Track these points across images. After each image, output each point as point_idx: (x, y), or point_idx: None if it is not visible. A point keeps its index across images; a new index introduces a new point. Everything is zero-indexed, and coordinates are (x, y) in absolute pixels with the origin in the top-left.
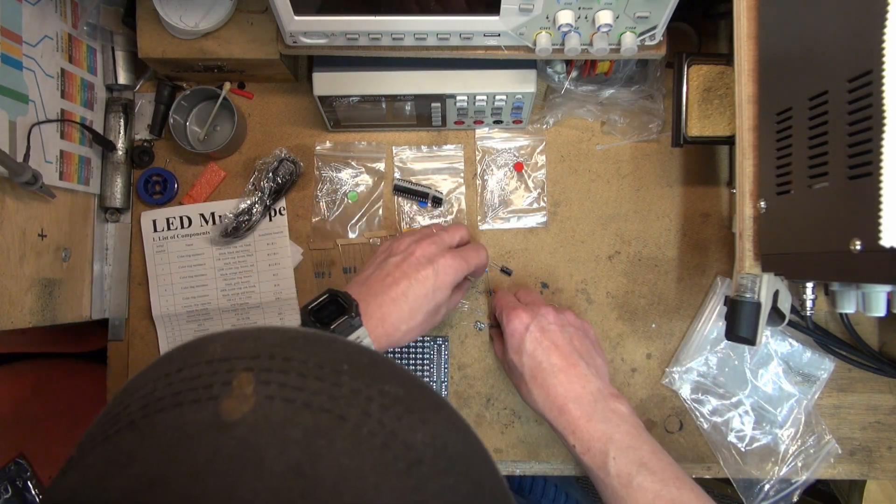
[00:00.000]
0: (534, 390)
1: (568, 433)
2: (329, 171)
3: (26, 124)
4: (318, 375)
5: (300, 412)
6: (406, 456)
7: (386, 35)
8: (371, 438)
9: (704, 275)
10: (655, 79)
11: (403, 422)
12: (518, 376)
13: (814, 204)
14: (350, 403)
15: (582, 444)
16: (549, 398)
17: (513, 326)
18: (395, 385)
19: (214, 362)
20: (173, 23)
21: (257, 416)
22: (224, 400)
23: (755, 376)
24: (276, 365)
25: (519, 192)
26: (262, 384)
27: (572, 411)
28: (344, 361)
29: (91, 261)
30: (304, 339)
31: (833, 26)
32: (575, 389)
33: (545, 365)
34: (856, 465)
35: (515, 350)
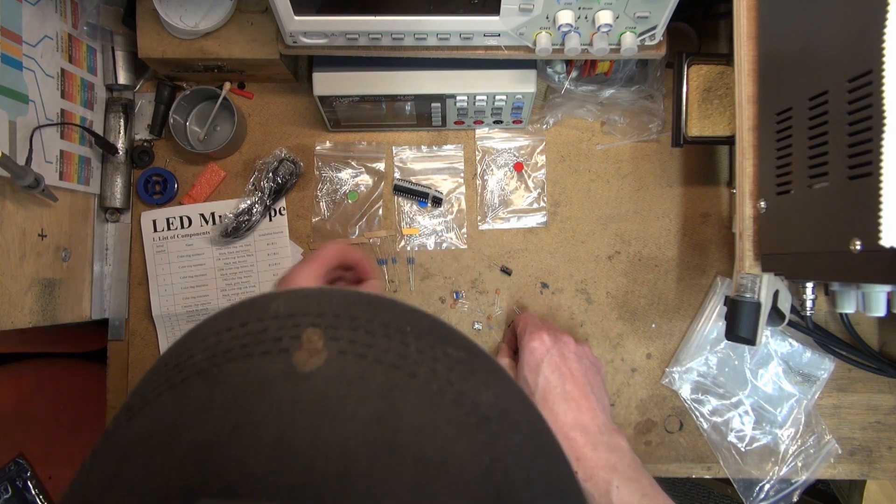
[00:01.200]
0: (542, 411)
1: (572, 459)
2: (329, 171)
3: (26, 124)
4: (385, 334)
5: (372, 367)
6: (476, 412)
7: (386, 35)
8: (441, 395)
9: (704, 275)
10: (655, 79)
11: (469, 382)
12: None
13: (814, 204)
14: (418, 362)
15: (585, 472)
16: (556, 422)
17: (534, 345)
18: (457, 348)
19: (280, 317)
20: (173, 23)
21: (332, 369)
22: (295, 353)
23: (755, 376)
24: (343, 322)
25: (519, 192)
26: (331, 340)
27: (578, 439)
28: (407, 323)
29: (91, 261)
30: (367, 301)
31: (833, 26)
32: (584, 419)
33: (559, 390)
34: (856, 465)
35: (532, 368)
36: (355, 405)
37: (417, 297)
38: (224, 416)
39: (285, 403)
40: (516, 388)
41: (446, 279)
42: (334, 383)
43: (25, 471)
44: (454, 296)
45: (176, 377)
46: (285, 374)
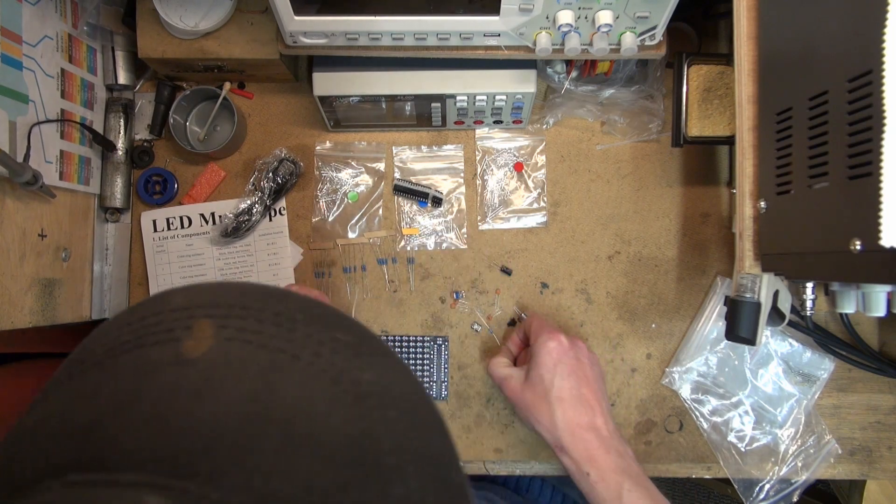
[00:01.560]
0: (557, 412)
1: (584, 460)
2: (329, 171)
3: (26, 124)
4: (274, 322)
5: (256, 351)
6: (354, 390)
7: (386, 35)
8: (322, 374)
9: (704, 275)
10: (655, 79)
11: (353, 363)
12: (541, 393)
13: (814, 204)
14: (303, 345)
15: (598, 473)
16: (570, 423)
17: (552, 345)
18: (346, 333)
19: (177, 310)
20: (173, 23)
21: (216, 354)
22: (185, 341)
23: (755, 376)
24: (235, 312)
25: (519, 192)
26: (221, 328)
27: (593, 441)
28: (298, 311)
29: (91, 261)
30: (261, 293)
31: (833, 26)
32: (597, 423)
33: (576, 392)
34: (856, 465)
35: (549, 368)
36: (232, 385)
37: (417, 296)
38: (108, 401)
39: (167, 386)
40: (404, 370)
41: (446, 279)
42: (217, 366)
43: None
44: (454, 296)
45: (76, 369)
46: (172, 361)
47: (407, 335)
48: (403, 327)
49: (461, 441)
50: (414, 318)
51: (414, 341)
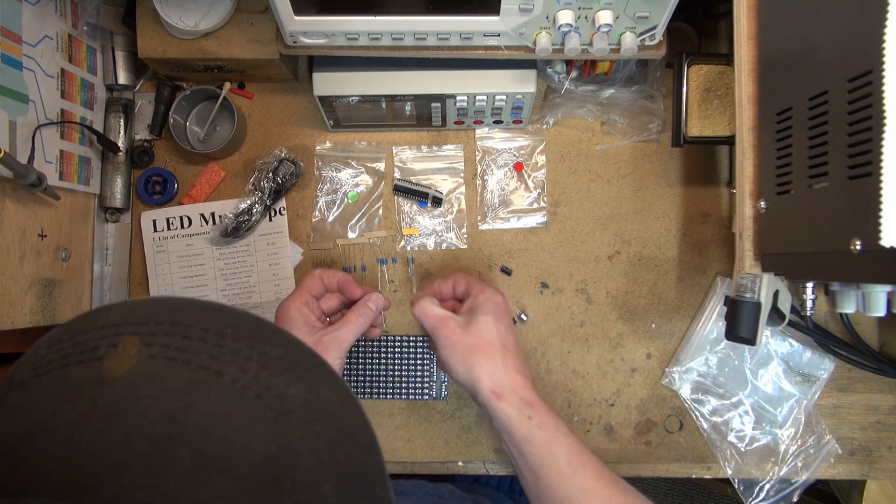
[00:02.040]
0: (504, 357)
1: (526, 405)
2: (329, 171)
3: (26, 124)
4: (201, 338)
5: (179, 369)
6: (277, 406)
7: (386, 35)
8: (244, 391)
9: (704, 275)
10: (655, 79)
11: (279, 378)
12: (486, 336)
13: (814, 204)
14: (229, 361)
15: (539, 417)
16: (515, 370)
17: (499, 299)
18: (277, 347)
19: (105, 328)
20: (173, 23)
21: (137, 373)
22: (107, 360)
23: (755, 376)
24: (163, 329)
25: (519, 192)
26: (146, 346)
27: (532, 390)
28: (229, 326)
29: (91, 261)
30: (194, 308)
31: (833, 26)
32: (527, 370)
33: (514, 341)
34: (856, 465)
35: (498, 317)
36: (149, 404)
37: None
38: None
39: (84, 407)
40: (336, 384)
41: None
42: (135, 385)
43: None
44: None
45: (3, 390)
46: (92, 380)
47: (407, 335)
48: (403, 327)
49: (461, 441)
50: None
51: (414, 341)
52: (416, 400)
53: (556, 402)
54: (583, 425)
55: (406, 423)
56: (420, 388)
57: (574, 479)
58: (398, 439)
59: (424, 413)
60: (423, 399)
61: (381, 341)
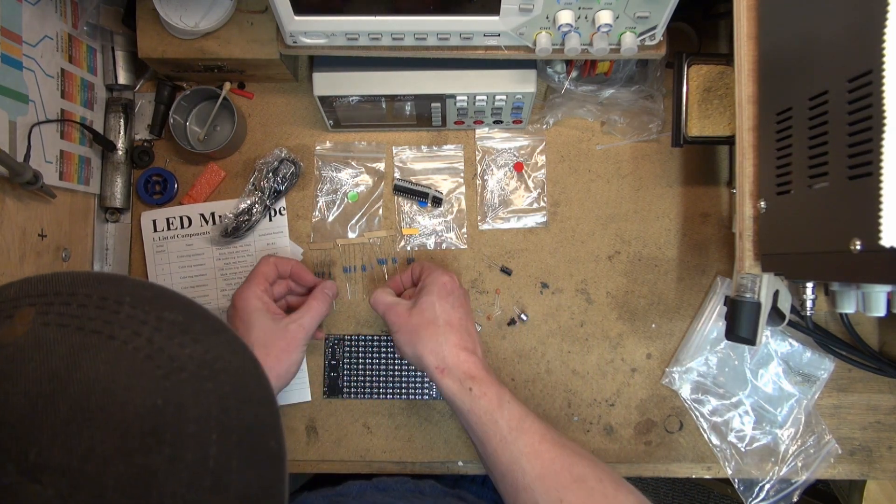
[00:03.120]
0: (445, 334)
1: (467, 377)
2: (329, 171)
3: (26, 124)
4: (98, 305)
5: (71, 334)
6: (168, 365)
7: (386, 35)
8: (135, 353)
9: (704, 275)
10: (655, 79)
11: (174, 340)
12: (430, 318)
13: (814, 204)
14: (123, 326)
15: (481, 388)
16: (457, 346)
17: (445, 280)
18: (176, 313)
19: (7, 301)
20: (173, 23)
21: (28, 339)
22: (3, 329)
23: (755, 376)
24: (60, 299)
25: (519, 192)
26: (41, 314)
27: (474, 360)
28: (127, 294)
29: (91, 261)
30: (94, 279)
31: (833, 26)
32: (474, 344)
33: (463, 323)
34: (856, 465)
35: (441, 297)
36: (35, 366)
37: None
38: None
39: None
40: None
41: None
42: (24, 349)
43: None
44: None
45: None
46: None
47: None
48: None
49: (461, 441)
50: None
51: None
52: (416, 400)
53: (555, 402)
54: (583, 425)
55: (406, 423)
56: (420, 387)
57: (516, 444)
58: (398, 439)
59: (424, 413)
60: (423, 399)
61: (382, 341)
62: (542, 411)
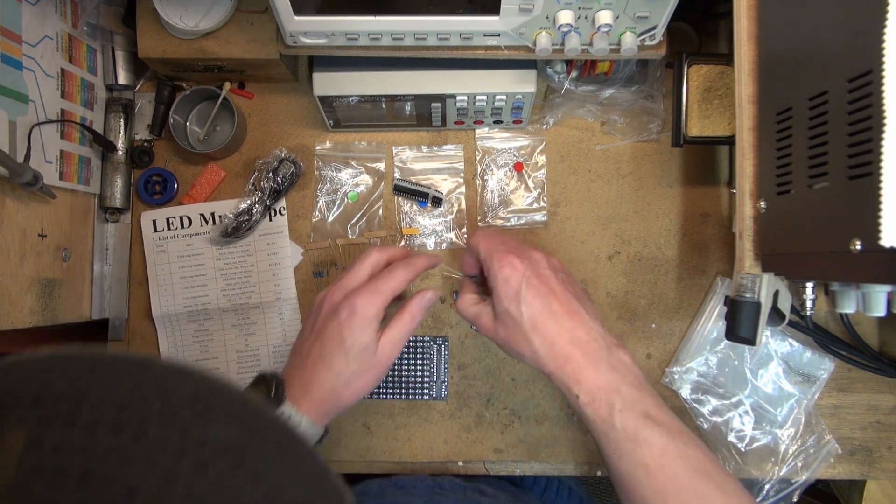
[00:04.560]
0: (535, 340)
1: (572, 382)
2: (329, 171)
3: (26, 124)
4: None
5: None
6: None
7: (386, 35)
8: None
9: (704, 275)
10: (655, 79)
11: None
12: (512, 327)
13: (814, 204)
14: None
15: (587, 395)
16: (553, 347)
17: (506, 273)
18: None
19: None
20: (173, 23)
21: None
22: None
23: (755, 376)
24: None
25: (519, 192)
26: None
27: (578, 359)
28: (157, 397)
29: (91, 261)
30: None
31: (833, 26)
32: (580, 336)
33: (546, 313)
34: (856, 465)
35: (511, 298)
36: None
37: None
38: None
39: None
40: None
41: (446, 279)
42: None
43: None
44: (454, 296)
45: None
46: None
47: None
48: None
49: (461, 441)
50: None
51: (414, 341)
52: (416, 400)
53: (556, 402)
54: (583, 425)
55: (406, 423)
56: (420, 388)
57: (633, 455)
58: (398, 439)
59: (424, 413)
60: (423, 399)
61: None
62: (541, 411)
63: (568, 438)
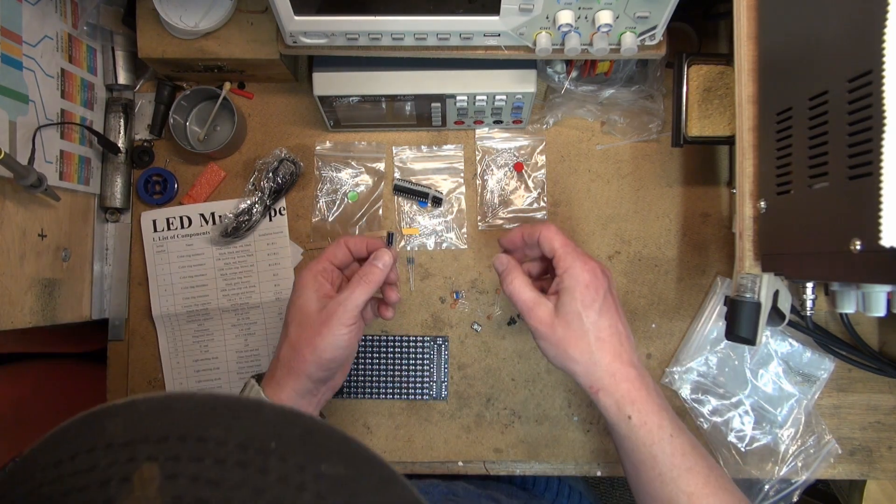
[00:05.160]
0: (597, 352)
1: (627, 402)
2: (329, 171)
3: (26, 124)
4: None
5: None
6: None
7: (386, 35)
8: None
9: (704, 275)
10: (655, 79)
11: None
12: (578, 331)
13: (814, 204)
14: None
15: (640, 417)
16: (612, 364)
17: (588, 278)
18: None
19: (114, 447)
20: (173, 23)
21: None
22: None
23: (755, 376)
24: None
25: (519, 192)
26: (168, 480)
27: (635, 380)
28: (272, 437)
29: (91, 261)
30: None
31: (833, 26)
32: (635, 361)
33: (613, 329)
34: (856, 465)
35: (589, 304)
36: None
37: (417, 296)
38: None
39: None
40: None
41: (446, 279)
42: None
43: None
44: (454, 296)
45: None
46: None
47: (407, 335)
48: (403, 327)
49: (461, 441)
50: (414, 318)
51: (414, 341)
52: (416, 400)
53: (556, 402)
54: (583, 425)
55: (406, 423)
56: (420, 388)
57: (677, 483)
58: (398, 439)
59: (424, 413)
60: (423, 399)
61: (381, 341)
62: (541, 411)
63: (568, 438)
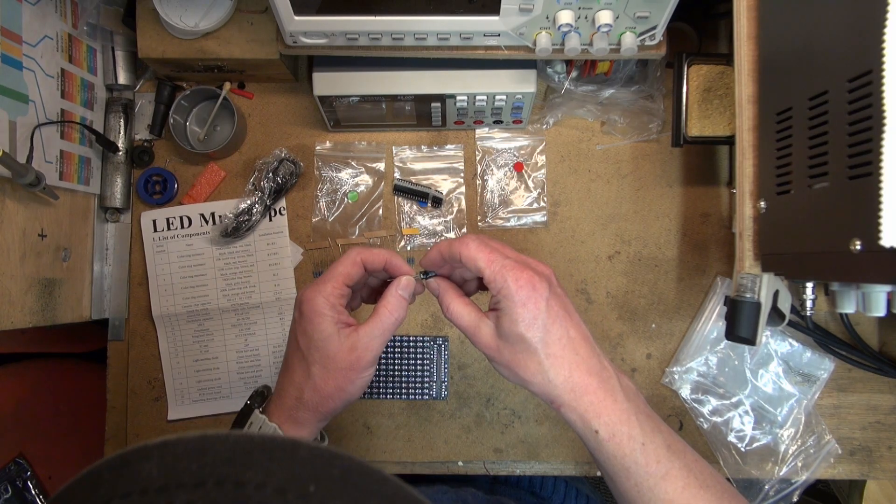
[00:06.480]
0: (551, 370)
1: (592, 416)
2: (329, 171)
3: (27, 124)
4: None
5: None
6: None
7: (386, 35)
8: None
9: (704, 275)
10: (655, 79)
11: None
12: (523, 353)
13: (814, 204)
14: None
15: (608, 429)
16: (570, 377)
17: (524, 296)
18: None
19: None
20: (173, 23)
21: None
22: None
23: (755, 376)
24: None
25: (519, 192)
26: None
27: (597, 390)
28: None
29: (91, 261)
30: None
31: (833, 26)
32: (594, 365)
33: (565, 340)
34: (856, 465)
35: (529, 324)
36: None
37: (418, 296)
38: None
39: None
40: None
41: None
42: None
43: (25, 471)
44: None
45: None
46: None
47: (407, 335)
48: (403, 327)
49: (461, 441)
50: (414, 318)
51: (414, 341)
52: (416, 400)
53: None
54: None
55: (406, 423)
56: (420, 388)
57: (654, 492)
58: (398, 439)
59: (424, 413)
60: (423, 399)
61: None
62: (541, 411)
63: (568, 438)
